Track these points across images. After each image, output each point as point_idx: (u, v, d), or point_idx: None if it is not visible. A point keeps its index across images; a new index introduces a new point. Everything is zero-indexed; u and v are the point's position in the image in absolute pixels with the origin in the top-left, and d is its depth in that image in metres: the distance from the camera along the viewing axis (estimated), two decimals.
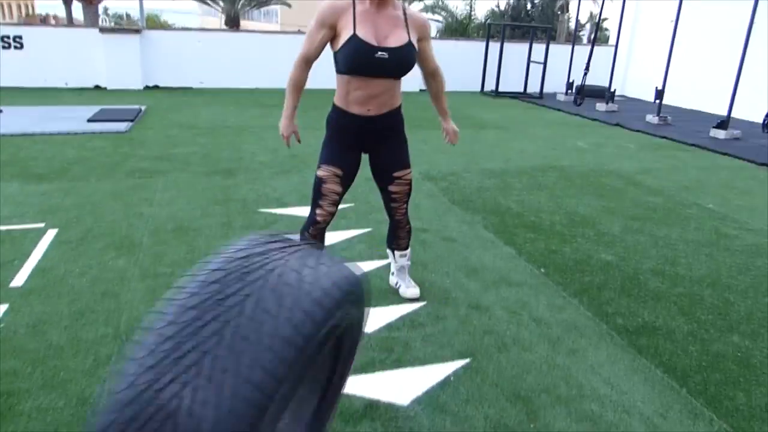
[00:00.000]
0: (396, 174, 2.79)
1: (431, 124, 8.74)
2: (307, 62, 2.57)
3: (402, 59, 2.48)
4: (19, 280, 3.09)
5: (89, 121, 7.43)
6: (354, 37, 2.40)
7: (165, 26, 14.11)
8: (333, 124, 2.68)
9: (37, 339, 2.57)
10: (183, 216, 4.16)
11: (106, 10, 30.74)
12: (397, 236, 3.06)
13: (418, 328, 2.82)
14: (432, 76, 2.82)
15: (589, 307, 3.13)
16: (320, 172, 2.67)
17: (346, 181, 2.70)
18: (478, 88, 12.91)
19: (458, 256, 3.73)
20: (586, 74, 11.02)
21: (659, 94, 9.48)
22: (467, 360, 2.58)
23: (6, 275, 3.14)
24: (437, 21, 23.62)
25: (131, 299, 2.96)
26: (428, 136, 7.70)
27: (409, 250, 3.16)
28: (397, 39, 2.46)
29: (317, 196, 2.68)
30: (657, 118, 9.46)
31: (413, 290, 3.13)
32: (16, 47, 10.09)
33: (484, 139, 7.76)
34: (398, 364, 2.53)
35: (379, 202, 4.63)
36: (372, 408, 2.22)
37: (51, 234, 3.73)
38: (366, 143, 2.71)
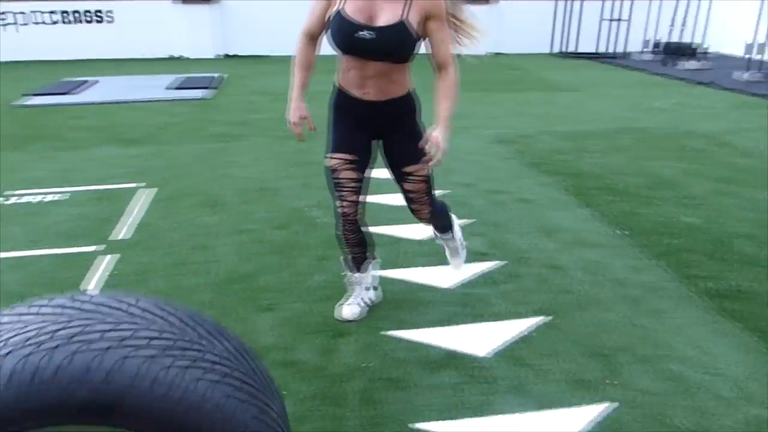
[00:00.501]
0: (407, 170, 2.37)
1: (502, 87, 8.63)
2: (309, 37, 2.29)
3: (389, 40, 2.10)
4: (124, 233, 3.38)
5: (173, 88, 7.78)
6: (338, 12, 2.12)
7: None
8: (335, 106, 2.38)
9: (143, 285, 2.82)
10: (265, 177, 4.35)
11: None
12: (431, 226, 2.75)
13: (495, 286, 2.87)
14: (440, 68, 2.25)
15: (671, 269, 3.07)
16: (329, 162, 2.35)
17: (363, 165, 2.36)
18: (548, 49, 12.47)
19: (534, 217, 3.72)
20: (671, 30, 10.42)
21: (751, 48, 8.87)
22: (545, 317, 2.61)
23: (114, 228, 3.44)
24: None
25: (223, 252, 3.17)
26: (500, 98, 7.60)
27: (454, 233, 2.80)
28: (388, 16, 2.09)
29: (333, 188, 2.37)
30: (749, 74, 8.87)
31: (457, 263, 2.90)
32: (108, 21, 10.65)
33: (558, 101, 7.56)
34: (476, 318, 2.59)
35: (455, 163, 4.67)
36: (452, 357, 2.31)
37: (147, 193, 4.01)
38: (372, 129, 2.36)
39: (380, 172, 2.47)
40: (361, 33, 2.09)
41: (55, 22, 10.56)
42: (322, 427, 1.95)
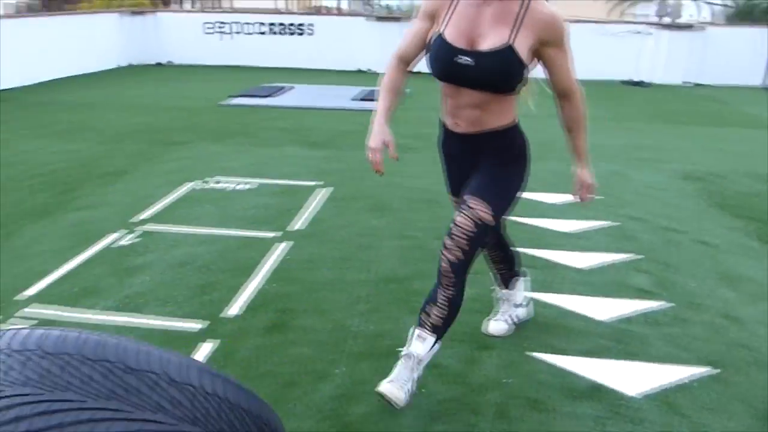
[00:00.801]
0: (467, 198, 1.99)
1: (696, 120, 7.94)
2: (401, 61, 2.07)
3: (490, 68, 1.84)
4: (299, 225, 3.73)
5: (357, 99, 8.33)
6: (439, 35, 1.91)
7: None
8: (439, 144, 2.19)
9: (310, 273, 3.09)
10: (432, 189, 4.49)
11: None
12: (430, 299, 2.06)
13: (656, 327, 2.68)
14: (563, 97, 2.00)
15: None
16: (452, 201, 2.27)
17: None
18: (760, 82, 11.15)
19: (714, 261, 3.40)
20: None
21: None
22: (711, 368, 2.38)
23: (291, 219, 3.80)
24: (725, 5, 20.75)
25: (384, 254, 3.35)
26: (692, 132, 7.03)
27: (433, 346, 2.05)
28: (492, 40, 1.83)
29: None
30: None
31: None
32: (308, 34, 11.76)
33: (763, 139, 6.77)
34: (629, 356, 2.45)
35: (630, 196, 4.43)
36: (596, 390, 2.21)
37: (323, 191, 4.37)
38: (468, 165, 2.08)
39: (544, 196, 2.44)
40: (459, 58, 1.85)
41: (263, 33, 11.89)
42: (453, 429, 1.99)
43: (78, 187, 4.38)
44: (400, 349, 2.10)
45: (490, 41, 1.83)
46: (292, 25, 11.82)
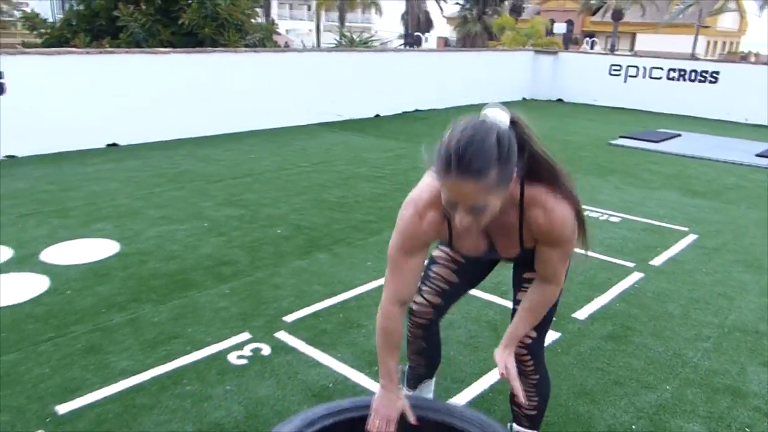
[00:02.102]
0: (527, 276, 1.79)
1: None
2: (401, 304, 1.68)
3: (519, 261, 1.76)
4: (657, 261, 3.90)
5: (757, 155, 7.62)
6: (451, 245, 1.73)
7: None
8: None
9: (657, 303, 3.28)
10: None
11: None
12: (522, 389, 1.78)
13: None
14: (542, 280, 1.68)
15: None
16: (436, 251, 1.97)
17: (467, 275, 1.93)
18: None
19: None
20: None
21: None
22: None
23: (650, 255, 4.00)
24: None
25: (743, 306, 3.29)
26: None
27: None
28: (507, 248, 1.66)
29: (423, 277, 1.96)
30: None
31: None
32: (711, 81, 11.11)
33: None
34: None
35: None
36: None
37: (691, 237, 4.38)
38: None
39: None
40: (482, 258, 1.78)
41: (658, 78, 11.72)
42: None
43: None
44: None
45: (505, 249, 1.68)
46: (693, 71, 11.34)
